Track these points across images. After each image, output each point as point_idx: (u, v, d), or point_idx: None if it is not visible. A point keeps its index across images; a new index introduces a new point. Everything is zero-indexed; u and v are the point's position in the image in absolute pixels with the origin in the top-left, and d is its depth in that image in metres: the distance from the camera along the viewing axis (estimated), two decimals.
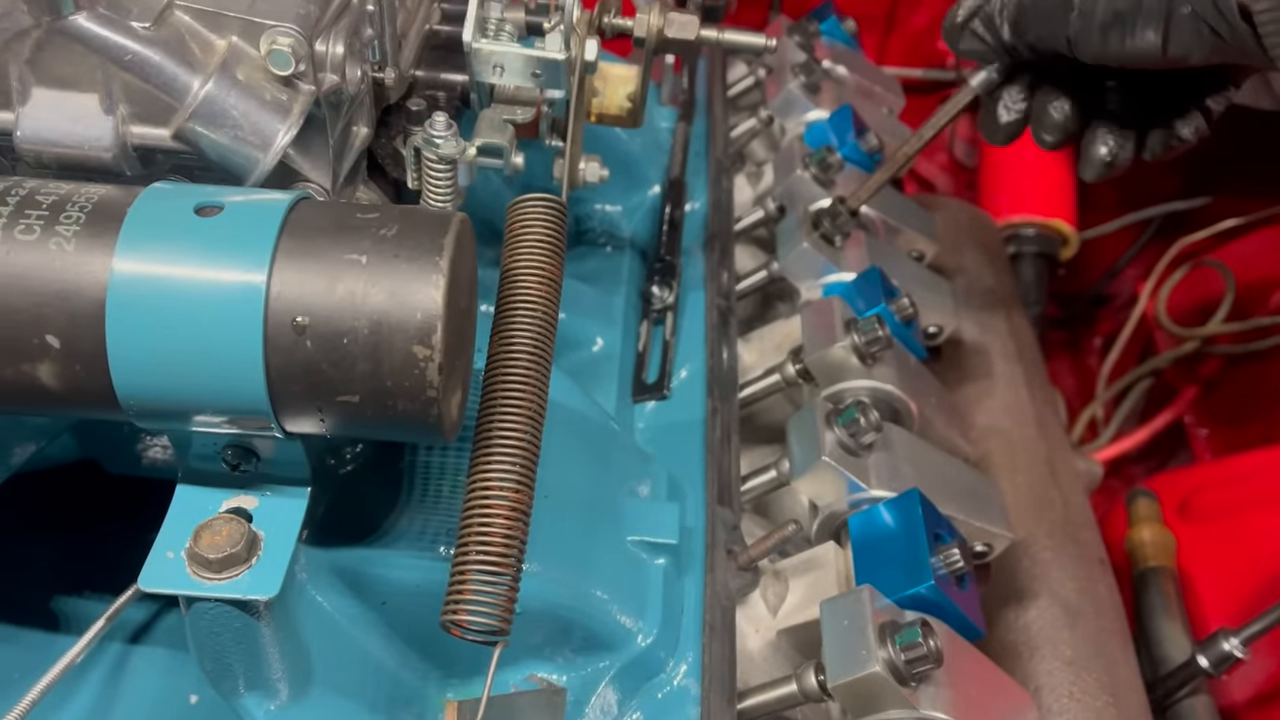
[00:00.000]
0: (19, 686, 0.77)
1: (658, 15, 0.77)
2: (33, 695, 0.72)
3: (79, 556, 0.89)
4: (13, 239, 0.52)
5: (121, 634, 0.86)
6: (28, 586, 0.86)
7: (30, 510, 0.86)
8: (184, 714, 0.82)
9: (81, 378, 0.53)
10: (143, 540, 0.89)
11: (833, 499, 0.83)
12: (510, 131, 0.77)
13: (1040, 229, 1.62)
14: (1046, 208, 1.63)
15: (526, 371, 0.58)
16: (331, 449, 0.72)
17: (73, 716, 0.81)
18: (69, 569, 0.88)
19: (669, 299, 1.02)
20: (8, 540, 0.86)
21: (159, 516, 0.88)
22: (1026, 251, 1.61)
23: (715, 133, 1.25)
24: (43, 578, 0.87)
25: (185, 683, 0.83)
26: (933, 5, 1.68)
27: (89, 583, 0.87)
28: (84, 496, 0.89)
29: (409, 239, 0.54)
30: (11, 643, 0.84)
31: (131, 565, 0.83)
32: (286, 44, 0.59)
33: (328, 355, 0.52)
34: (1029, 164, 1.65)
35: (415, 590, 0.70)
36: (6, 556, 0.86)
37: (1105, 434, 1.67)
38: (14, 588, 0.86)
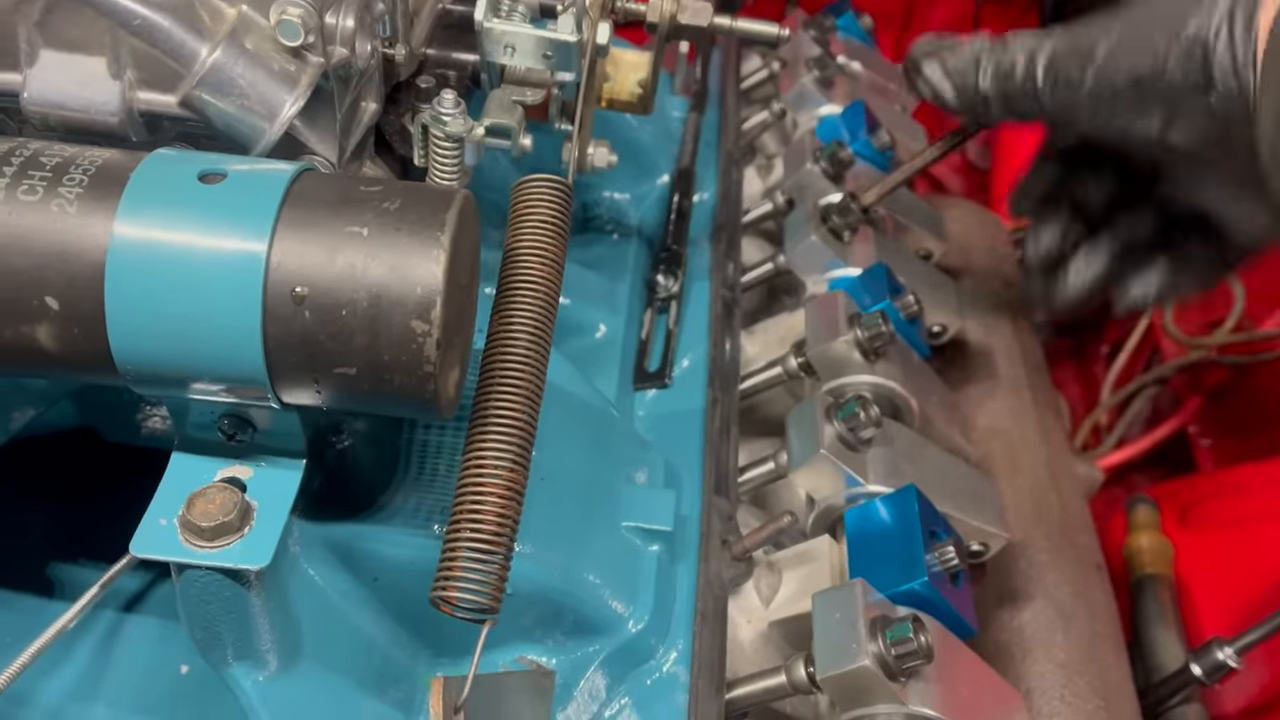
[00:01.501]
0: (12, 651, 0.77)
1: (671, 1, 0.76)
2: (23, 659, 0.72)
3: (76, 524, 0.89)
4: (15, 199, 0.52)
5: (115, 602, 0.86)
6: (24, 553, 0.87)
7: (29, 476, 0.87)
8: (175, 683, 0.82)
9: (79, 341, 0.53)
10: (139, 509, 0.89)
11: (830, 492, 0.83)
12: (519, 113, 0.77)
13: None
14: None
15: (525, 352, 0.58)
16: (329, 423, 0.72)
17: (64, 682, 0.81)
18: (65, 536, 0.88)
19: (674, 288, 1.02)
20: (5, 506, 0.86)
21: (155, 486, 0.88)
22: None
23: (727, 124, 1.25)
24: (39, 544, 0.87)
25: (177, 652, 0.83)
26: (951, 4, 1.68)
27: (85, 550, 0.87)
28: (82, 464, 0.89)
29: (411, 213, 0.53)
30: (6, 607, 0.84)
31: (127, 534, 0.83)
32: (296, 14, 0.58)
33: (326, 327, 0.52)
34: None
35: (408, 568, 0.70)
36: (3, 522, 0.86)
37: (1109, 440, 1.66)
38: (10, 554, 0.86)
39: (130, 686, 0.82)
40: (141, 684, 0.82)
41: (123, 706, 0.81)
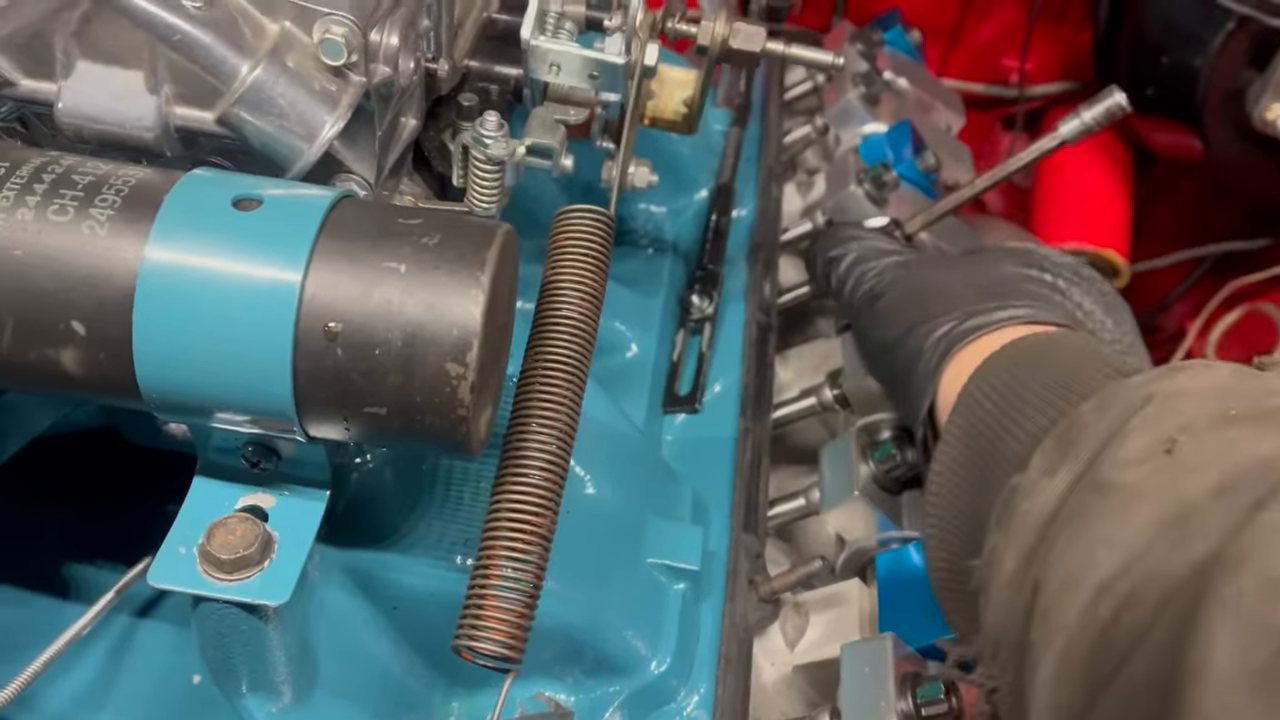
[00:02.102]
0: (25, 651, 0.77)
1: (723, 24, 0.74)
2: (35, 667, 0.71)
3: (93, 524, 0.88)
4: (45, 219, 0.50)
5: (129, 607, 0.85)
6: (41, 552, 0.86)
7: (50, 476, 0.86)
8: (186, 693, 0.81)
9: (104, 366, 0.51)
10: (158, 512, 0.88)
11: (861, 534, 0.81)
12: (561, 133, 0.75)
13: (1091, 258, 1.57)
14: (1100, 237, 1.59)
15: (561, 394, 0.56)
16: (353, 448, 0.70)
17: (75, 688, 0.80)
18: (83, 537, 0.87)
19: (708, 310, 1.00)
20: (25, 504, 0.85)
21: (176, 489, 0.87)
22: None
23: (768, 138, 1.22)
24: (57, 544, 0.86)
25: (189, 662, 0.82)
26: (1000, 19, 1.64)
27: (102, 551, 0.86)
28: (103, 464, 0.88)
29: (451, 250, 0.51)
30: (21, 606, 0.83)
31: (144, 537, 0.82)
32: (340, 33, 0.57)
33: (358, 365, 0.50)
34: (1085, 190, 1.61)
35: (428, 598, 0.69)
36: (23, 520, 0.85)
37: None
38: (28, 552, 0.85)
39: (141, 695, 0.81)
40: (152, 693, 0.81)
41: (132, 715, 0.80)
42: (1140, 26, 1.44)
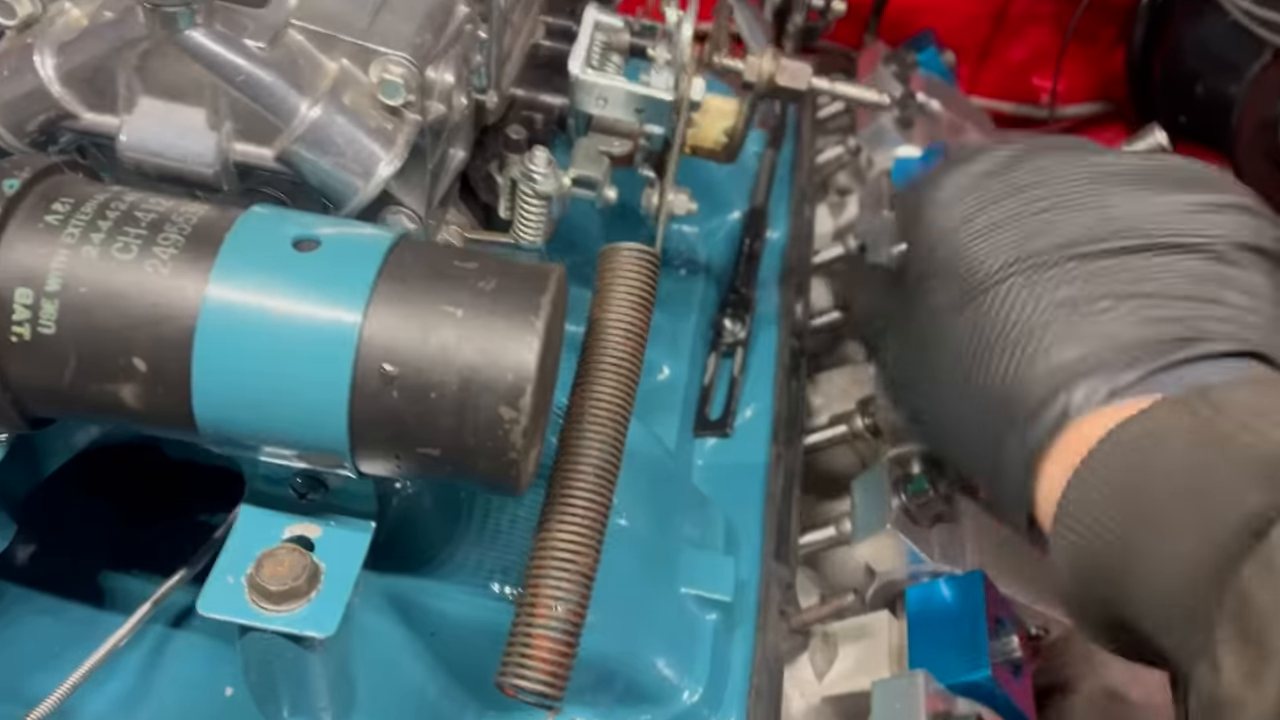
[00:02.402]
0: (61, 660, 0.78)
1: (770, 61, 0.74)
2: (74, 679, 0.72)
3: (130, 535, 0.89)
4: (110, 257, 0.51)
5: (162, 617, 0.85)
6: (78, 561, 0.87)
7: (87, 487, 0.87)
8: (218, 706, 0.82)
9: (162, 401, 0.52)
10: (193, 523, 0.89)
11: (892, 566, 0.82)
12: (606, 164, 0.75)
13: None
14: None
15: (607, 437, 0.57)
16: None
17: (109, 698, 0.81)
18: (119, 547, 0.88)
19: (740, 334, 1.00)
20: (63, 515, 0.86)
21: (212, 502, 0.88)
22: None
23: (801, 159, 1.22)
24: (93, 554, 0.87)
25: (222, 674, 0.83)
26: (1033, 39, 1.64)
27: (137, 562, 0.87)
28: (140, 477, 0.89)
29: (506, 295, 0.52)
30: (58, 615, 0.85)
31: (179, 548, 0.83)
32: (399, 74, 0.57)
33: (413, 407, 0.51)
34: None
35: (466, 624, 0.70)
36: (61, 531, 0.86)
37: None
38: (65, 562, 0.86)
39: (173, 706, 0.81)
40: (185, 704, 0.82)
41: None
42: (1176, 52, 1.44)
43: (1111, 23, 1.59)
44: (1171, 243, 0.62)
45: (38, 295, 0.50)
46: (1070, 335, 0.60)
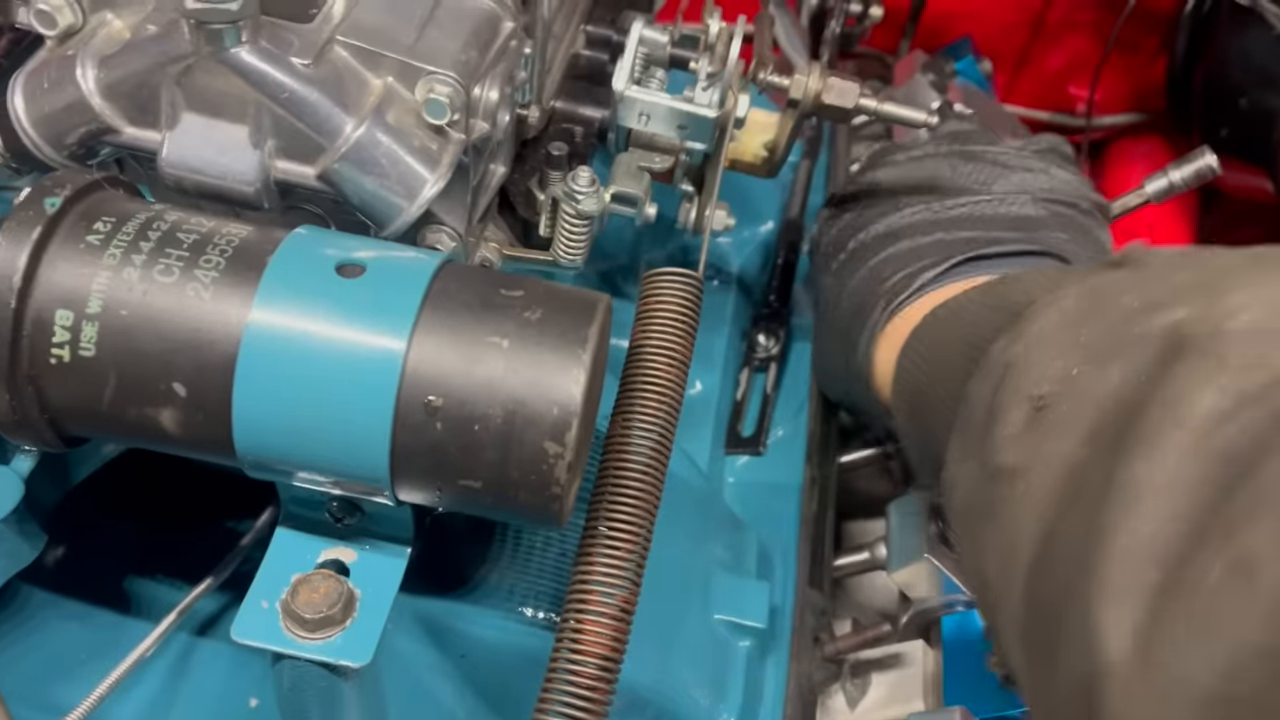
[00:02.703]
0: (86, 668, 0.77)
1: (817, 79, 0.73)
2: (101, 690, 0.71)
3: (155, 543, 0.88)
4: (151, 279, 0.50)
5: (188, 625, 0.85)
6: (103, 568, 0.86)
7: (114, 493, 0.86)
8: (243, 717, 0.81)
9: (202, 427, 0.51)
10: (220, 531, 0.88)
11: (927, 595, 0.80)
12: (646, 181, 0.74)
13: None
14: None
15: (649, 470, 0.56)
16: None
17: (134, 707, 0.80)
18: (145, 554, 0.87)
19: (774, 349, 0.99)
20: (88, 521, 0.85)
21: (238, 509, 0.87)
22: None
23: (836, 169, 1.21)
24: (118, 561, 0.87)
25: (246, 684, 0.82)
26: (1070, 47, 1.61)
27: (162, 569, 0.87)
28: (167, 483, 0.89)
29: (553, 326, 0.51)
30: (83, 621, 0.84)
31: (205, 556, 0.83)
32: (445, 93, 0.56)
33: (456, 439, 0.50)
34: (1149, 227, 1.58)
35: (496, 648, 0.69)
36: (86, 537, 0.86)
37: None
38: (90, 569, 0.85)
39: (197, 716, 0.81)
40: (209, 715, 0.81)
41: None
42: (1218, 65, 1.41)
43: (1153, 32, 1.56)
44: (989, 199, 0.79)
45: (78, 317, 0.49)
46: (900, 258, 0.78)
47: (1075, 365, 0.50)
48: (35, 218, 0.50)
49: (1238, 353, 0.42)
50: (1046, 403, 0.50)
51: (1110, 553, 0.41)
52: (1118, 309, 0.50)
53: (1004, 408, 0.52)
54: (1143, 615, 0.39)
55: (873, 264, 0.79)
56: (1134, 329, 0.48)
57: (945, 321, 0.68)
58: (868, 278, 0.79)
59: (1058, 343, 0.52)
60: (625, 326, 0.62)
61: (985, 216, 0.79)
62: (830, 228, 0.88)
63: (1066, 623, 0.43)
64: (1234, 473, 0.39)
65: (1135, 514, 0.41)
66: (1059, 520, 0.46)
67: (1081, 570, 0.42)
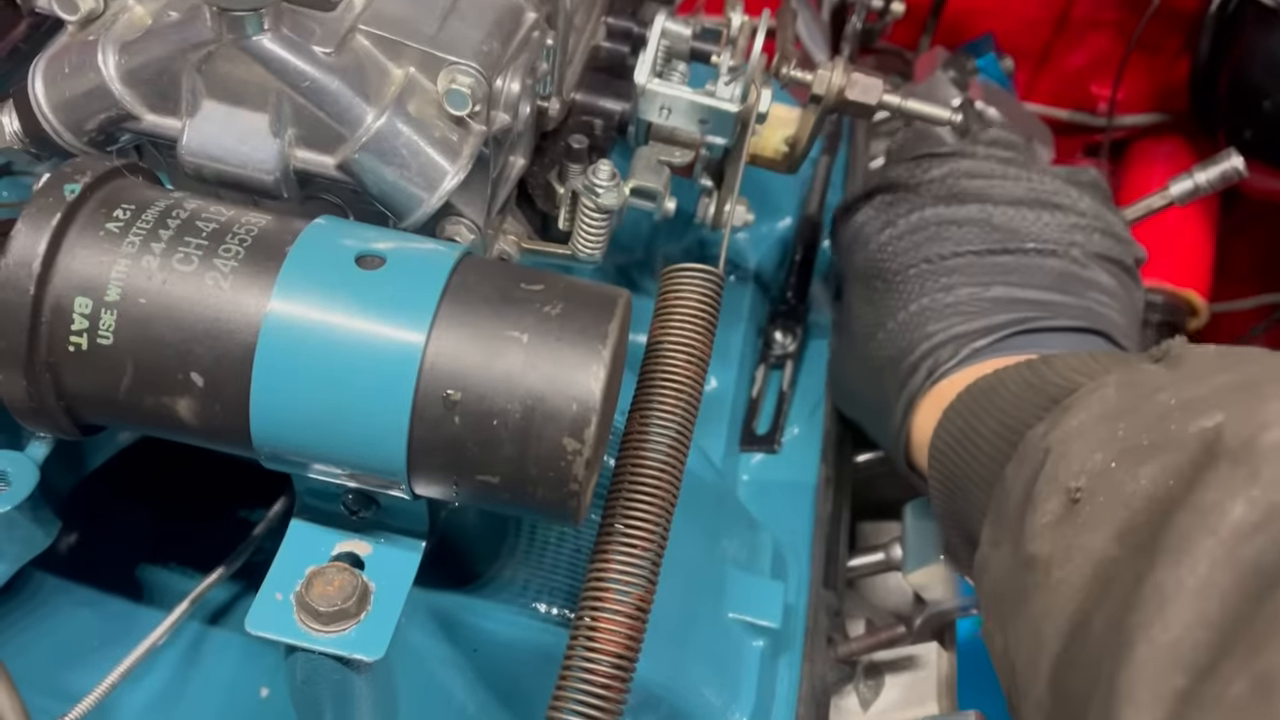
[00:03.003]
0: (98, 655, 0.77)
1: (841, 74, 0.72)
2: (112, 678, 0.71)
3: (168, 530, 0.88)
4: (170, 268, 0.50)
5: (200, 613, 0.85)
6: (116, 555, 0.86)
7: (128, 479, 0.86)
8: (254, 707, 0.81)
9: (219, 418, 0.51)
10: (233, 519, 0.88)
11: (942, 596, 0.80)
12: (666, 175, 0.73)
13: (1170, 298, 1.54)
14: (1180, 276, 1.55)
15: (667, 468, 0.55)
16: None
17: (145, 695, 0.80)
18: (158, 541, 0.87)
19: (790, 346, 0.98)
20: (102, 507, 0.85)
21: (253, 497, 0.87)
22: (1152, 320, 1.53)
23: (855, 164, 1.20)
24: (136, 546, 0.87)
25: (258, 674, 0.82)
26: (1093, 46, 1.60)
27: (175, 556, 0.87)
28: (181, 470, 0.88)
29: (573, 321, 0.50)
30: (96, 608, 0.84)
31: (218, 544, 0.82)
32: (466, 84, 0.55)
33: (474, 434, 0.50)
34: (1169, 227, 1.57)
35: (509, 644, 0.68)
36: (100, 524, 0.86)
37: None
38: (103, 555, 0.85)
39: (209, 706, 0.81)
40: (220, 704, 0.81)
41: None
42: (1242, 67, 1.40)
43: (1176, 32, 1.55)
44: (1037, 248, 0.77)
45: (97, 305, 0.49)
46: (943, 311, 0.76)
47: (1112, 459, 0.50)
48: (55, 204, 0.49)
49: (1271, 465, 0.43)
50: (1082, 495, 0.50)
51: (1137, 655, 0.41)
52: (1155, 407, 0.51)
53: (1041, 497, 0.53)
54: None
55: (914, 309, 0.77)
56: (1170, 428, 0.49)
57: (984, 396, 0.68)
58: (909, 325, 0.77)
59: (1096, 436, 0.53)
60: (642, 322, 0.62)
61: (1033, 267, 0.77)
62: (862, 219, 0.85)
63: (1091, 718, 0.44)
64: (1262, 585, 0.40)
65: (1163, 618, 0.41)
66: (1089, 615, 0.47)
67: (1108, 668, 0.43)
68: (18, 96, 0.58)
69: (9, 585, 0.79)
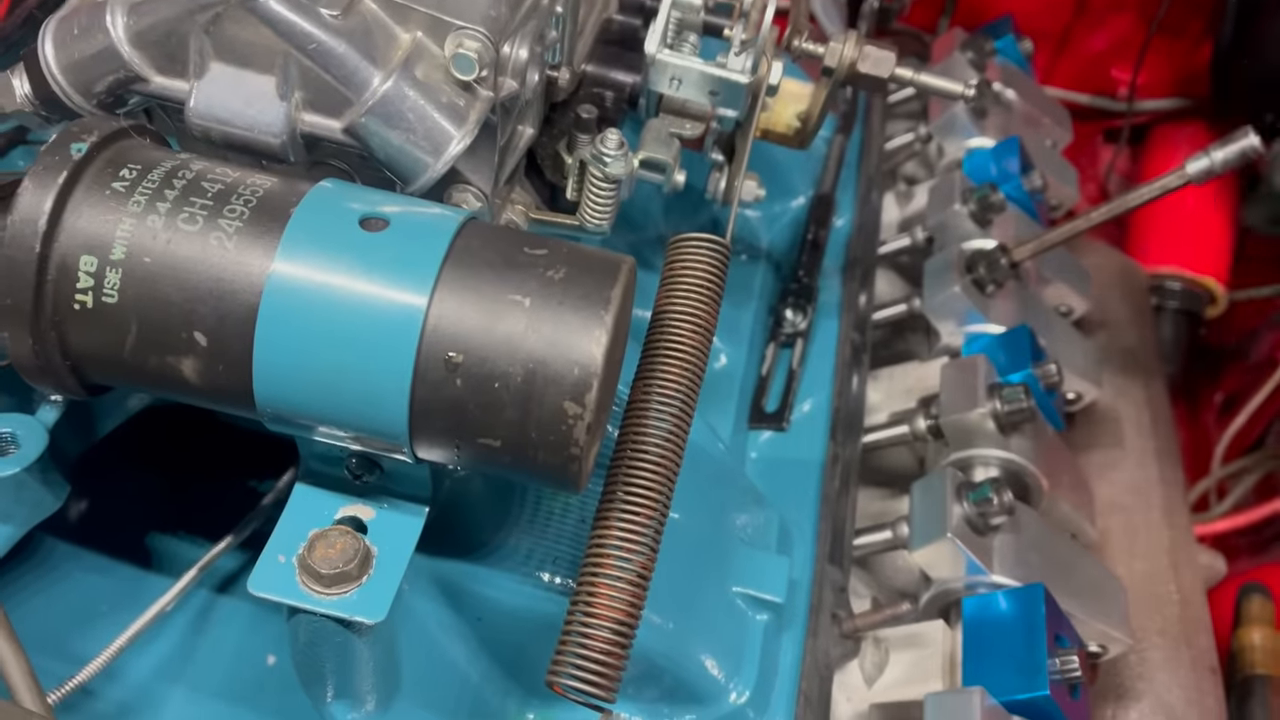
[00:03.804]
0: (107, 620, 0.78)
1: (853, 47, 0.71)
2: (120, 641, 0.72)
3: (178, 498, 0.89)
4: (175, 227, 0.50)
5: (209, 581, 0.85)
6: (126, 522, 0.87)
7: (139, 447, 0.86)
8: (260, 674, 0.82)
9: (222, 378, 0.51)
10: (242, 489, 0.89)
11: (949, 575, 0.79)
12: (676, 147, 0.73)
13: (1188, 284, 1.52)
14: (1199, 262, 1.53)
15: (670, 436, 0.55)
16: None
17: (152, 660, 0.81)
18: (168, 509, 0.88)
19: (801, 324, 0.98)
20: (114, 475, 0.86)
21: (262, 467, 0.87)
22: (1169, 306, 1.52)
23: (870, 145, 1.19)
24: (142, 515, 0.87)
25: (265, 642, 0.83)
26: (1114, 29, 1.58)
27: (184, 525, 0.87)
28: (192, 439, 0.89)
29: (576, 286, 0.50)
30: (106, 574, 0.85)
31: (227, 513, 0.83)
32: (473, 48, 0.55)
33: (476, 397, 0.50)
34: (1188, 212, 1.55)
35: (513, 612, 0.69)
36: (111, 491, 0.86)
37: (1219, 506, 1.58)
38: (114, 522, 0.86)
39: (217, 671, 0.82)
40: (228, 670, 0.82)
41: (206, 691, 0.81)
42: (1264, 51, 1.38)
43: (1199, 15, 1.53)
44: None
45: (102, 263, 0.49)
46: None
47: None
48: (61, 163, 0.50)
49: None
50: None
51: None
52: None
53: None
54: None
55: None
56: None
57: None
58: None
59: None
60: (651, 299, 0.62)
61: None
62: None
63: None
64: None
65: None
66: None
67: None
68: (28, 59, 0.58)
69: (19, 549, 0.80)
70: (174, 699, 0.80)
